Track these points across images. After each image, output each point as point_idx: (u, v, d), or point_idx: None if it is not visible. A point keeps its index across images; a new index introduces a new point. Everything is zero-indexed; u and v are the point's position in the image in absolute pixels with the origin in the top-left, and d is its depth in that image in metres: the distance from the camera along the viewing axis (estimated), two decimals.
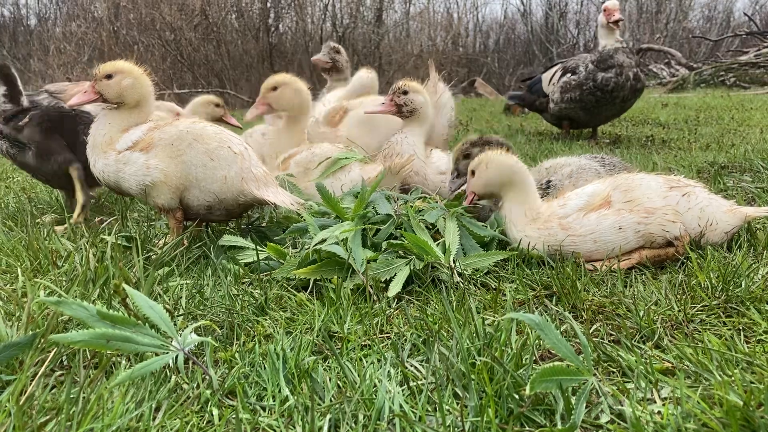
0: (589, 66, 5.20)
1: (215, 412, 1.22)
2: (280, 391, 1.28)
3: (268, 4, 17.09)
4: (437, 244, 1.98)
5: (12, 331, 1.48)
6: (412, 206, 2.23)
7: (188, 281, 1.93)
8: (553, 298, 1.78)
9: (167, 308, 1.65)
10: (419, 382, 1.30)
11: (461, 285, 1.85)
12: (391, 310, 1.72)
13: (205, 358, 1.41)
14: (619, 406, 1.19)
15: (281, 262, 2.04)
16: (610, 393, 1.23)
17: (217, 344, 1.51)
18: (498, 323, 1.50)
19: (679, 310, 1.61)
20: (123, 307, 1.54)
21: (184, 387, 1.31)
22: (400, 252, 1.95)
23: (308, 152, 2.97)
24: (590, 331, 1.54)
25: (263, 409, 1.24)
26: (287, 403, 1.23)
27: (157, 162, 2.16)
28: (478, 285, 1.93)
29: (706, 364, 1.32)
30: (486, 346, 1.38)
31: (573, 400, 1.15)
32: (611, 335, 1.54)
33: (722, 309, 1.62)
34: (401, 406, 1.20)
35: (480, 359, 1.30)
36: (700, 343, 1.44)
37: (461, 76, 17.56)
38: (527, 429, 1.13)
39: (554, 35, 20.17)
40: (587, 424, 1.15)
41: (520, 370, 1.27)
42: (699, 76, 11.97)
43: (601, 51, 5.15)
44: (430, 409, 1.21)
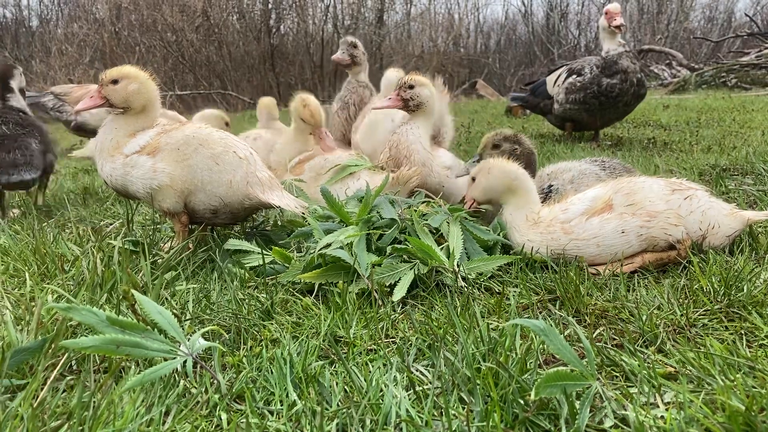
0: (594, 70, 5.22)
1: (224, 417, 1.24)
2: (287, 396, 1.29)
3: (270, 6, 17.12)
4: (441, 249, 2.00)
5: (22, 335, 1.50)
6: (416, 210, 2.25)
7: (195, 285, 1.95)
8: (556, 303, 1.79)
9: (175, 313, 1.67)
10: (425, 387, 1.32)
11: (465, 289, 1.87)
12: (396, 315, 1.74)
13: (213, 363, 1.43)
14: (623, 411, 1.20)
15: (286, 266, 2.05)
16: (613, 397, 1.24)
17: (224, 349, 1.52)
18: (503, 328, 1.52)
19: (682, 315, 1.63)
20: (131, 313, 1.56)
21: (193, 391, 1.33)
22: (405, 256, 1.96)
23: (321, 158, 3.01)
24: (593, 336, 1.56)
25: (271, 414, 1.26)
26: (295, 408, 1.25)
27: (163, 166, 2.18)
28: (482, 289, 1.94)
29: (708, 369, 1.33)
30: (491, 351, 1.40)
31: (577, 405, 1.17)
32: (614, 339, 1.55)
33: (724, 313, 1.64)
34: (408, 411, 1.21)
35: (485, 364, 1.32)
36: (702, 348, 1.45)
37: (462, 77, 17.58)
38: None
39: (555, 36, 20.17)
40: (591, 429, 1.16)
41: (525, 375, 1.29)
42: (700, 77, 11.97)
43: (605, 57, 5.16)
44: (436, 414, 1.23)
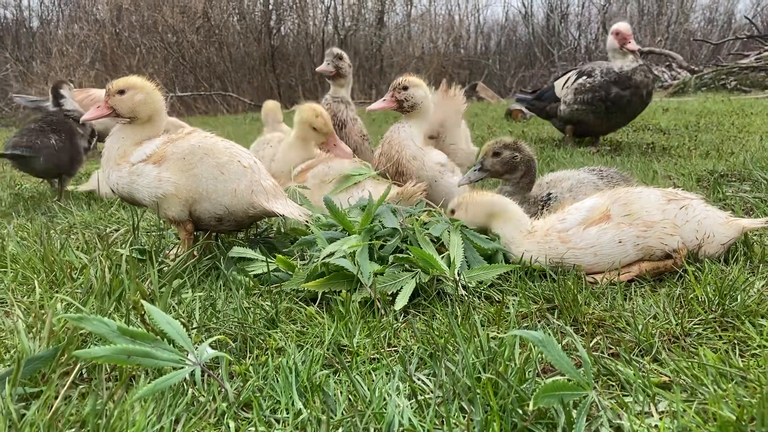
0: (605, 75, 5.27)
1: (232, 425, 1.28)
2: (293, 405, 1.33)
3: (270, 7, 17.17)
4: (442, 257, 2.04)
5: (34, 344, 1.54)
6: (417, 219, 2.29)
7: (201, 293, 1.99)
8: (554, 312, 1.83)
9: (182, 321, 1.71)
10: (427, 396, 1.36)
11: (466, 298, 1.91)
12: (398, 324, 1.78)
13: (221, 372, 1.47)
14: (618, 420, 1.24)
15: (290, 273, 2.09)
16: (609, 407, 1.28)
17: (231, 358, 1.56)
18: (502, 339, 1.56)
19: (677, 324, 1.67)
20: (141, 322, 1.60)
21: (201, 400, 1.37)
22: (406, 265, 2.00)
23: (324, 166, 3.05)
24: (590, 345, 1.60)
25: (278, 422, 1.30)
26: (301, 416, 1.29)
27: (168, 175, 2.22)
28: (482, 297, 1.98)
29: (701, 378, 1.38)
30: (491, 361, 1.44)
31: (574, 414, 1.21)
32: (611, 348, 1.59)
33: (718, 323, 1.68)
34: (410, 420, 1.25)
35: (485, 375, 1.36)
36: (696, 357, 1.49)
37: (462, 78, 17.60)
38: None
39: (555, 37, 20.20)
40: None
41: (524, 385, 1.33)
42: (700, 79, 12.01)
43: (620, 72, 5.20)
44: (437, 423, 1.27)
